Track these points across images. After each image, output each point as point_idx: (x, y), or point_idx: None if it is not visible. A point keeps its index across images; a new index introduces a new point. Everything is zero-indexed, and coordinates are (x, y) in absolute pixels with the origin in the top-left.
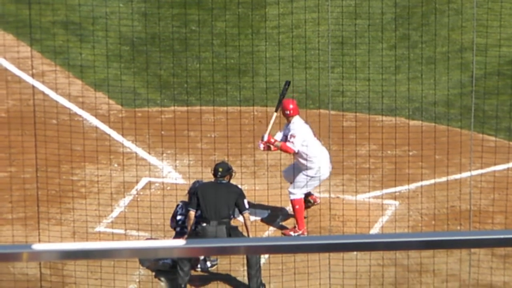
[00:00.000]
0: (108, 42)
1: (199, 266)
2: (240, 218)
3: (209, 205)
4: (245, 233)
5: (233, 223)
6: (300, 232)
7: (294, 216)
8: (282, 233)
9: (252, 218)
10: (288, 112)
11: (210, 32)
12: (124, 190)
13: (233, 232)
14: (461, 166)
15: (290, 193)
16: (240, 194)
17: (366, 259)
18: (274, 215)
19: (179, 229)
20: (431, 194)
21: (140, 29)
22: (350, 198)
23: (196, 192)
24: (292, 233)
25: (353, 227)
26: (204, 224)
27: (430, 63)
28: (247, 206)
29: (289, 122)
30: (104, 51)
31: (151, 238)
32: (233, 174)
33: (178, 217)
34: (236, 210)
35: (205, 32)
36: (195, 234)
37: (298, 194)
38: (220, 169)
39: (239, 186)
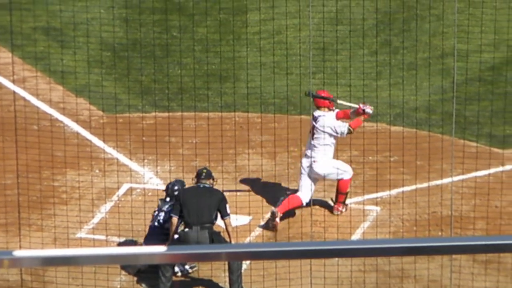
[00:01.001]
0: (89, 48)
1: (177, 269)
2: (221, 223)
3: (192, 209)
4: (227, 239)
5: (214, 228)
6: (344, 210)
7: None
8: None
9: (234, 224)
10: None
11: (191, 38)
12: (106, 196)
13: (215, 237)
14: (443, 172)
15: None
16: (222, 199)
17: (348, 265)
18: (255, 221)
19: (157, 229)
20: (412, 200)
21: (121, 35)
22: (332, 204)
23: (179, 198)
24: (342, 209)
25: (335, 233)
26: (186, 229)
27: (411, 69)
28: (228, 211)
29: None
30: (85, 57)
31: (132, 244)
32: (215, 181)
33: (160, 214)
34: (218, 215)
35: (186, 38)
36: (177, 240)
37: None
38: (204, 171)
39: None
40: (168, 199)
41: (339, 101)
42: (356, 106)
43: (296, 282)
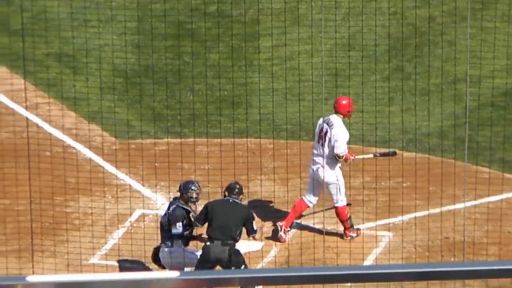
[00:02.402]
0: (102, 74)
1: None
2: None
3: (216, 223)
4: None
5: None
6: (355, 235)
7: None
8: (344, 233)
9: (245, 249)
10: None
11: (203, 64)
12: (118, 222)
13: (234, 256)
14: (455, 198)
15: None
16: (250, 217)
17: None
18: (268, 246)
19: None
20: (425, 225)
21: (133, 61)
22: (341, 229)
23: (206, 207)
24: (352, 234)
25: (347, 259)
26: (208, 243)
27: (424, 95)
28: (255, 228)
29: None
30: (98, 83)
31: (145, 270)
32: (244, 197)
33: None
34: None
35: (198, 64)
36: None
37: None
38: (237, 187)
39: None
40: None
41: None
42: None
43: None
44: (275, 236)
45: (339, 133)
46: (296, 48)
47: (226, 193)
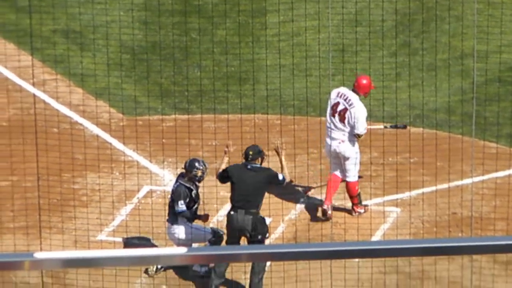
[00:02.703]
0: (109, 50)
1: (199, 269)
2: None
3: (238, 192)
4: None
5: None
6: (363, 211)
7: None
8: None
9: None
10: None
11: (210, 40)
12: (126, 199)
13: (260, 225)
14: (463, 173)
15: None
16: (271, 175)
17: (368, 266)
18: (275, 222)
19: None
20: (432, 201)
21: (140, 37)
22: (352, 205)
23: (226, 171)
24: (360, 210)
25: (355, 235)
26: (232, 212)
27: (431, 70)
28: (281, 178)
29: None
30: (105, 59)
31: (152, 246)
32: (266, 156)
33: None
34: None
35: (205, 40)
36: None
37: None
38: (251, 152)
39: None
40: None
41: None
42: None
43: (317, 284)
44: (286, 214)
45: (359, 112)
46: (303, 24)
47: (243, 159)
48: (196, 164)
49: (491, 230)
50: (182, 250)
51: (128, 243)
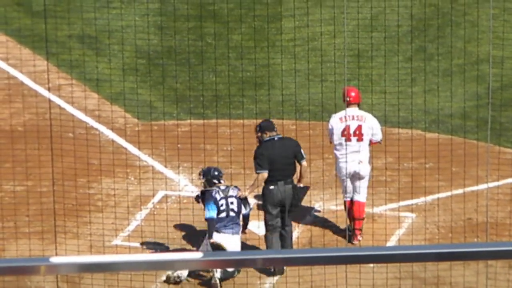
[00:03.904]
0: (124, 55)
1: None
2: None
3: (274, 165)
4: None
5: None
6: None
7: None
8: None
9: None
10: (348, 99)
11: (226, 45)
12: (141, 204)
13: (298, 192)
14: (478, 179)
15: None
16: (297, 145)
17: (383, 272)
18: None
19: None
20: (447, 206)
21: (156, 42)
22: (367, 211)
23: (262, 152)
24: (359, 238)
25: (370, 240)
26: (271, 187)
27: (446, 76)
28: (304, 154)
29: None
30: (120, 64)
31: (167, 251)
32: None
33: (231, 202)
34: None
35: (221, 45)
36: (261, 194)
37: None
38: (275, 124)
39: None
40: (215, 181)
41: None
42: None
43: None
44: (301, 219)
45: (374, 120)
46: (318, 29)
47: (266, 134)
48: (216, 173)
49: (507, 236)
50: (198, 255)
51: (143, 248)
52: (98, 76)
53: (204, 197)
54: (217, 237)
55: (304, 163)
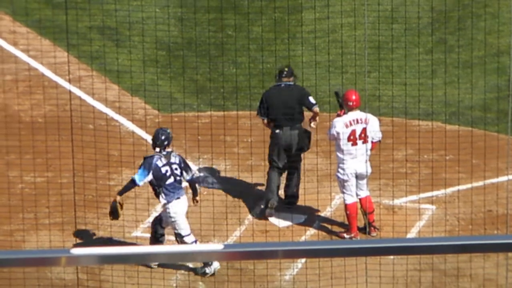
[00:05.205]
0: (145, 47)
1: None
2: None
3: (278, 110)
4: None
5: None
6: (352, 235)
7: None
8: (337, 235)
9: (288, 222)
10: (350, 103)
11: (246, 36)
12: None
13: (304, 138)
14: (498, 171)
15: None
16: (303, 94)
17: (403, 263)
18: (311, 220)
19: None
20: (468, 198)
21: (176, 34)
22: (387, 203)
23: (262, 99)
24: (345, 235)
25: (390, 232)
26: (278, 131)
27: (467, 67)
28: (313, 101)
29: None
30: (141, 56)
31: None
32: (297, 78)
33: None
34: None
35: (241, 37)
36: (270, 137)
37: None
38: (286, 69)
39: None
40: (157, 149)
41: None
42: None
43: (352, 281)
44: (321, 211)
45: (376, 121)
46: (338, 20)
47: (277, 78)
48: (163, 136)
49: None
50: (219, 246)
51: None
52: (118, 67)
53: (144, 162)
54: (172, 204)
55: (315, 109)
